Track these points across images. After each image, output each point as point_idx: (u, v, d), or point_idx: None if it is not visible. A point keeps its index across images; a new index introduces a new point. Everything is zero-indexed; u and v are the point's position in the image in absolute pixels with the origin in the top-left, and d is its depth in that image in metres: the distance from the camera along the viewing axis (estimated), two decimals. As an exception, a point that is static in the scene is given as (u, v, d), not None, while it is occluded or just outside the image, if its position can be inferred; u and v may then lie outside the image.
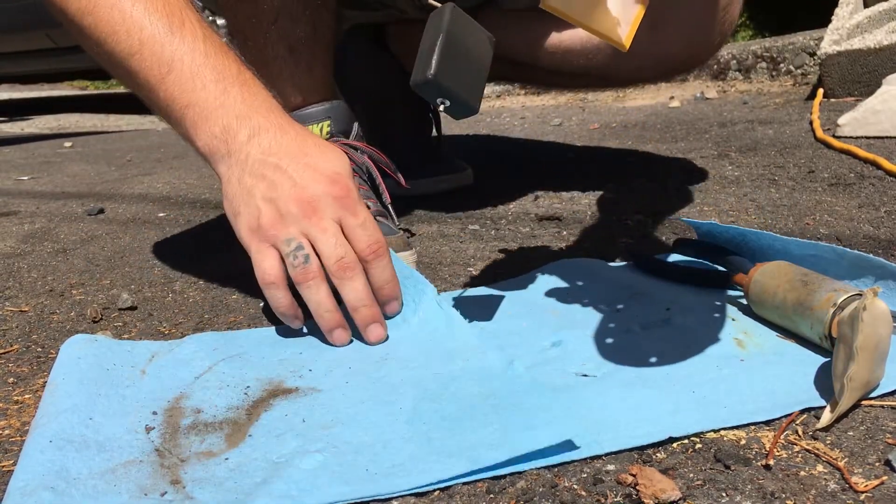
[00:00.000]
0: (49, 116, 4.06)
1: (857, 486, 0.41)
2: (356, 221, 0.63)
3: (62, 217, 1.28)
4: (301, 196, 0.62)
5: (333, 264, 0.62)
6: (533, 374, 0.55)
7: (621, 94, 2.46)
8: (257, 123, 0.64)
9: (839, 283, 0.57)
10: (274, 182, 0.62)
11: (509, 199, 1.14)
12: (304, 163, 0.63)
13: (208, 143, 0.64)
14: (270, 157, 0.63)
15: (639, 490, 0.42)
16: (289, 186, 0.62)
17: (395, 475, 0.44)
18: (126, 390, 0.56)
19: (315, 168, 0.63)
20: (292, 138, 0.64)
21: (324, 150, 0.65)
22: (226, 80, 0.64)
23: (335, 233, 0.62)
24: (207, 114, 0.64)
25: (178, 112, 0.65)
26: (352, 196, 0.63)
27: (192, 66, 0.64)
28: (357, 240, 0.63)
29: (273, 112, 0.65)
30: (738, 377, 0.53)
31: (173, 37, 0.64)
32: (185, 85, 0.64)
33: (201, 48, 0.64)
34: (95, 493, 0.43)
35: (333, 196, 0.63)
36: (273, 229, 0.62)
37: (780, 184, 1.09)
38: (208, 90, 0.64)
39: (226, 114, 0.64)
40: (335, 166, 0.64)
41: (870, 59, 1.70)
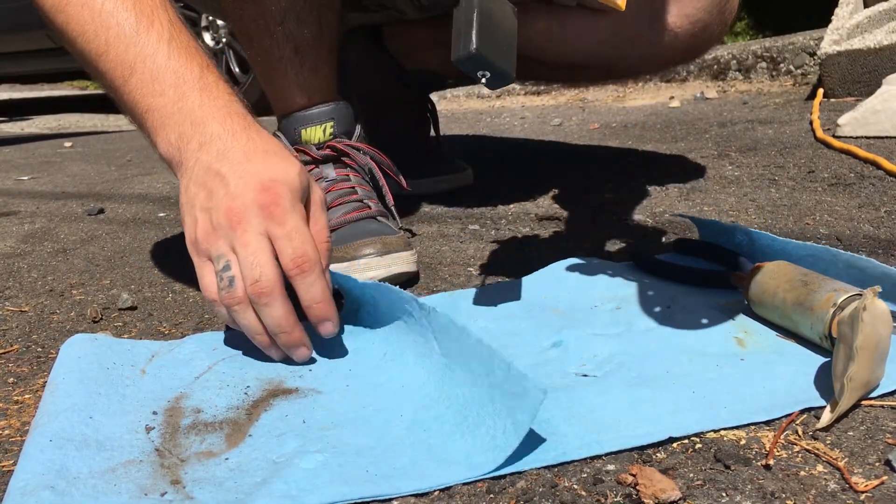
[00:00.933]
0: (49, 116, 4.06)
1: (857, 486, 0.41)
2: (281, 232, 0.58)
3: (62, 217, 1.28)
4: (229, 206, 0.58)
5: (249, 288, 0.57)
6: (533, 375, 0.55)
7: (621, 94, 2.46)
8: (211, 131, 0.61)
9: (839, 283, 0.57)
10: (212, 191, 0.59)
11: (509, 199, 1.14)
12: (242, 170, 0.59)
13: (166, 151, 0.63)
14: (214, 165, 0.60)
15: (639, 490, 0.42)
16: (222, 195, 0.59)
17: (395, 477, 0.44)
18: (126, 389, 0.56)
19: (253, 175, 0.59)
20: (241, 145, 0.61)
21: (268, 157, 0.61)
22: (185, 84, 0.62)
23: (255, 249, 0.57)
24: (164, 120, 0.62)
25: (139, 116, 0.64)
26: (280, 204, 0.58)
27: (152, 69, 0.62)
28: (282, 253, 0.58)
29: (230, 117, 0.62)
30: (738, 376, 0.53)
31: (138, 38, 0.63)
32: (144, 89, 0.62)
33: (164, 50, 0.63)
34: (95, 492, 0.43)
35: (260, 205, 0.58)
36: (206, 242, 0.59)
37: (780, 184, 1.09)
38: (166, 96, 0.62)
39: (182, 120, 0.62)
40: (273, 173, 0.59)
41: (870, 59, 1.70)
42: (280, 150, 0.62)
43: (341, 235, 0.79)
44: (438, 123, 1.25)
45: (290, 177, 0.60)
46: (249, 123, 0.63)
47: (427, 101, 1.23)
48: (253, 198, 0.58)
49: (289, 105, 0.87)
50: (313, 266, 0.58)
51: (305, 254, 0.57)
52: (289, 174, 0.60)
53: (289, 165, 0.61)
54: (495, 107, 2.68)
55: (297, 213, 0.59)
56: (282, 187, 0.59)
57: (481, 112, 2.53)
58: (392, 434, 0.49)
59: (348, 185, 0.84)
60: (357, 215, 0.81)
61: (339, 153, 0.85)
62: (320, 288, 0.58)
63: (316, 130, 0.85)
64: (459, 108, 2.79)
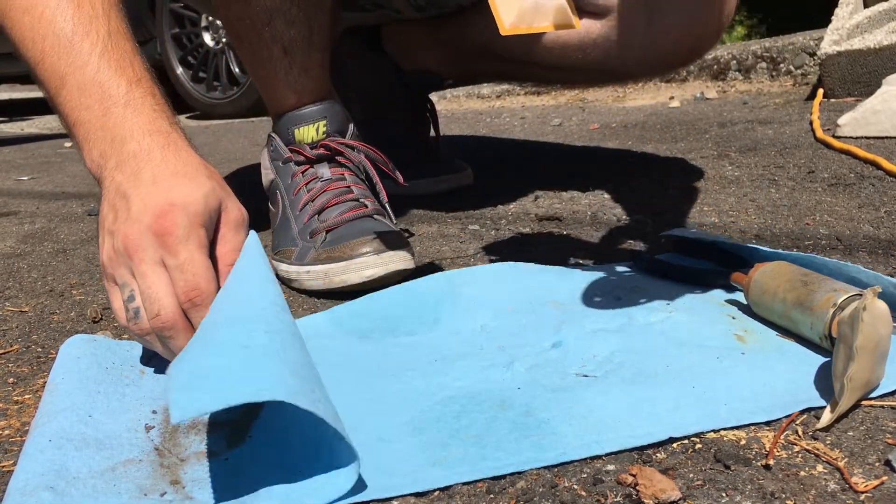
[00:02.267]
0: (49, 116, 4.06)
1: (857, 486, 0.41)
2: (174, 262, 0.55)
3: (62, 217, 1.28)
4: (126, 232, 0.56)
5: (151, 322, 0.55)
6: (533, 376, 0.55)
7: (621, 94, 2.46)
8: (128, 150, 0.59)
9: (839, 283, 0.57)
10: (117, 214, 0.58)
11: (509, 199, 1.14)
12: (145, 193, 0.57)
13: (90, 167, 0.62)
14: (123, 186, 0.58)
15: (639, 490, 0.42)
16: (124, 219, 0.57)
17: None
18: (126, 389, 0.56)
19: (153, 199, 0.57)
20: (153, 166, 0.58)
21: (176, 179, 0.58)
22: (109, 99, 0.60)
23: (152, 281, 0.55)
24: (89, 135, 0.61)
25: (70, 129, 0.62)
26: (173, 233, 0.55)
27: (81, 81, 0.61)
28: (175, 285, 0.55)
29: (151, 135, 0.60)
30: (738, 371, 0.53)
31: (72, 48, 0.61)
32: (73, 102, 0.61)
33: (94, 63, 0.61)
34: (95, 492, 0.43)
35: (154, 232, 0.55)
36: (110, 267, 0.58)
37: (780, 184, 1.08)
38: (92, 111, 0.60)
39: (104, 137, 0.60)
40: (174, 196, 0.57)
41: (870, 59, 1.70)
42: (192, 170, 0.59)
43: (338, 235, 0.79)
44: (438, 123, 1.25)
45: (190, 200, 0.57)
46: (169, 142, 0.61)
47: (426, 102, 1.23)
48: (148, 224, 0.56)
49: (281, 105, 0.87)
50: (205, 299, 0.55)
51: (196, 287, 0.55)
52: (191, 198, 0.57)
53: (194, 188, 0.58)
54: (495, 107, 2.68)
55: (193, 242, 0.56)
56: (178, 213, 0.56)
57: (481, 112, 2.53)
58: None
59: (344, 185, 0.84)
60: (353, 214, 0.81)
61: (332, 152, 0.85)
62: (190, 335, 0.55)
63: (309, 130, 0.85)
64: (459, 108, 2.79)
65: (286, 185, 0.86)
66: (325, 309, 0.74)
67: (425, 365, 0.59)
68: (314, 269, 0.78)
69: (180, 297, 0.55)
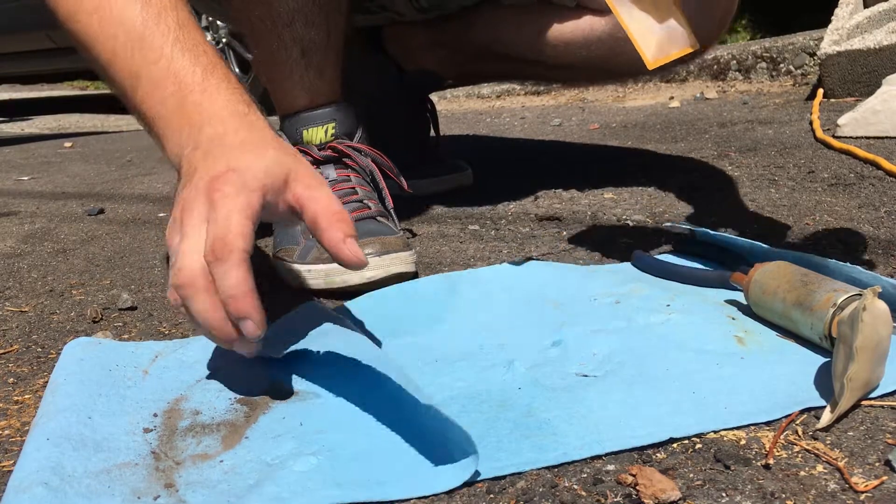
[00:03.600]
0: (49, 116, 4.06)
1: (857, 486, 0.41)
2: (212, 216, 0.52)
3: (62, 217, 1.28)
4: (184, 197, 0.55)
5: (172, 278, 0.52)
6: (534, 375, 0.55)
7: (621, 95, 2.46)
8: (206, 134, 0.59)
9: (839, 283, 0.57)
10: None
11: (509, 199, 1.14)
12: (212, 163, 0.56)
13: (171, 158, 0.61)
14: (195, 162, 0.57)
15: (639, 490, 0.42)
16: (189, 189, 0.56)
17: (388, 483, 0.44)
18: (127, 391, 0.56)
19: (216, 166, 0.55)
20: (226, 144, 0.57)
21: (242, 149, 0.57)
22: (185, 87, 0.60)
23: (187, 237, 0.52)
24: (168, 127, 0.60)
25: (149, 126, 0.62)
26: (222, 190, 0.53)
27: (156, 76, 0.60)
28: (207, 238, 0.52)
29: (229, 118, 0.59)
30: (738, 376, 0.53)
31: (143, 43, 0.61)
32: (150, 98, 0.61)
33: (168, 54, 0.60)
34: (89, 492, 0.43)
35: (205, 193, 0.53)
36: (167, 238, 0.56)
37: (780, 184, 1.08)
38: (168, 103, 0.60)
39: (181, 126, 0.60)
40: (235, 163, 0.55)
41: (870, 60, 1.70)
42: (259, 143, 0.58)
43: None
44: (438, 123, 1.25)
45: (249, 165, 0.55)
46: (243, 123, 0.59)
47: (427, 102, 1.23)
48: (203, 186, 0.54)
49: (292, 106, 0.87)
50: (229, 253, 0.50)
51: (223, 238, 0.51)
52: (252, 165, 0.55)
53: (256, 157, 0.56)
54: (495, 107, 2.68)
55: (239, 201, 0.52)
56: (232, 175, 0.54)
57: (481, 112, 2.53)
58: (389, 437, 0.49)
59: (349, 186, 0.84)
60: (357, 216, 0.81)
61: (340, 154, 0.85)
62: (234, 279, 0.50)
63: (318, 131, 0.86)
64: (459, 108, 2.79)
65: None
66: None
67: (425, 365, 0.59)
68: (315, 269, 0.78)
69: (206, 251, 0.51)
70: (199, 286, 0.51)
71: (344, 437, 0.49)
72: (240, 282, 0.50)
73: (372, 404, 0.54)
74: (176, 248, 0.53)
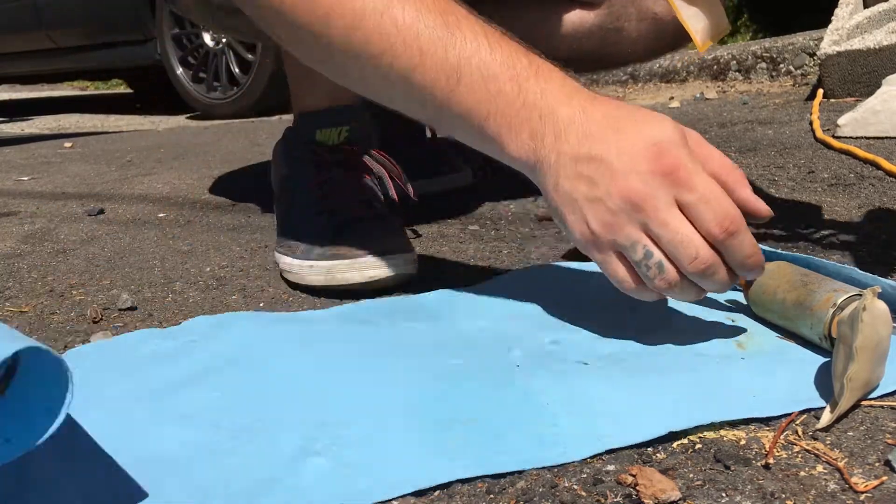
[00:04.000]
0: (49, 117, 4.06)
1: (856, 487, 0.41)
2: (692, 198, 0.52)
3: (62, 217, 1.28)
4: (624, 188, 0.53)
5: (687, 267, 0.53)
6: (532, 359, 0.56)
7: (621, 95, 2.46)
8: (562, 117, 0.55)
9: (839, 283, 0.57)
10: (592, 178, 0.54)
11: (509, 199, 1.14)
12: (619, 145, 0.53)
13: (518, 154, 0.57)
14: (582, 150, 0.54)
15: (639, 490, 0.42)
16: (608, 179, 0.53)
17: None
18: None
19: (633, 146, 0.53)
20: (600, 119, 0.55)
21: (638, 122, 0.54)
22: (519, 75, 0.56)
23: (677, 226, 0.52)
24: (510, 121, 0.56)
25: (476, 125, 0.57)
26: (682, 167, 0.52)
27: (481, 68, 0.56)
28: (701, 220, 0.52)
29: (574, 95, 0.56)
30: (738, 375, 0.53)
31: (454, 38, 0.56)
32: (479, 94, 0.56)
33: (485, 45, 0.56)
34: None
35: (661, 174, 0.52)
36: (609, 234, 0.54)
37: (780, 184, 1.09)
38: (505, 94, 0.56)
39: (529, 116, 0.56)
40: (654, 136, 0.53)
41: (870, 60, 1.70)
42: (638, 111, 0.56)
43: (345, 234, 0.79)
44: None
45: (669, 134, 0.53)
46: (593, 95, 0.57)
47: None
48: (649, 169, 0.52)
49: (309, 104, 0.87)
50: (739, 223, 0.53)
51: (729, 214, 0.52)
52: (667, 131, 0.54)
53: (660, 123, 0.54)
54: (495, 107, 2.67)
55: (703, 171, 0.53)
56: (674, 148, 0.53)
57: (481, 112, 2.52)
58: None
59: (356, 185, 0.85)
60: (362, 215, 0.81)
61: (350, 156, 0.86)
62: (749, 241, 0.53)
63: (332, 133, 0.86)
64: (459, 108, 2.79)
65: (298, 181, 0.87)
66: (324, 307, 0.74)
67: (423, 346, 0.59)
68: (318, 265, 0.78)
69: (713, 230, 0.52)
70: (720, 262, 0.53)
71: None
72: (752, 241, 0.54)
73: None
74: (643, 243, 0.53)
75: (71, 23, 3.70)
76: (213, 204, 1.30)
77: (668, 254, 0.53)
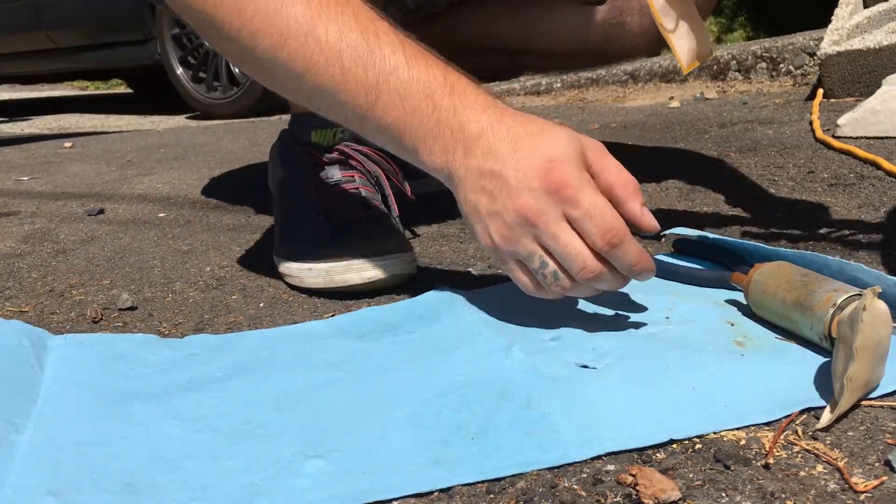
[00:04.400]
0: (49, 117, 4.06)
1: (856, 487, 0.41)
2: (578, 213, 0.56)
3: (62, 217, 1.28)
4: (518, 204, 0.56)
5: (577, 276, 0.57)
6: (532, 362, 0.56)
7: (621, 95, 2.46)
8: (471, 133, 0.58)
9: (839, 283, 0.57)
10: (493, 193, 0.57)
11: (509, 200, 1.13)
12: (516, 162, 0.57)
13: (432, 165, 0.61)
14: (486, 165, 0.58)
15: (639, 490, 0.42)
16: (505, 195, 0.57)
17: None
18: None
19: (528, 163, 0.56)
20: (504, 136, 0.58)
21: (536, 139, 0.57)
22: (434, 93, 0.59)
23: (566, 240, 0.56)
24: (424, 136, 0.59)
25: (395, 138, 0.61)
26: (569, 184, 0.55)
27: (398, 87, 0.59)
28: (586, 233, 0.56)
29: (485, 112, 0.59)
30: (738, 373, 0.53)
31: (373, 57, 0.59)
32: (396, 111, 0.59)
33: (403, 62, 0.59)
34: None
35: (549, 192, 0.55)
36: (509, 245, 0.58)
37: (780, 184, 1.09)
38: (420, 111, 0.59)
39: (441, 132, 0.59)
40: (548, 153, 0.56)
41: (870, 60, 1.70)
42: (540, 127, 0.58)
43: (343, 235, 0.79)
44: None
45: (562, 150, 0.56)
46: (503, 111, 0.60)
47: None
48: (540, 186, 0.56)
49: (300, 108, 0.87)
50: (622, 237, 0.56)
51: (612, 227, 0.56)
52: (561, 148, 0.57)
53: (556, 139, 0.57)
54: (495, 107, 2.67)
55: (588, 186, 0.56)
56: (563, 166, 0.56)
57: (481, 112, 2.52)
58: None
59: (353, 187, 0.84)
60: (360, 216, 0.81)
61: (346, 157, 0.86)
62: (634, 249, 0.57)
63: (326, 133, 0.86)
64: (459, 108, 2.78)
65: (295, 184, 0.86)
66: (325, 309, 0.74)
67: (424, 358, 0.59)
68: (316, 267, 0.78)
69: (597, 242, 0.56)
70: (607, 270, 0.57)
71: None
72: (637, 249, 0.57)
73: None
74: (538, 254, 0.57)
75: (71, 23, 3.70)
76: (213, 204, 1.30)
77: (560, 263, 0.57)
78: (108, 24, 3.58)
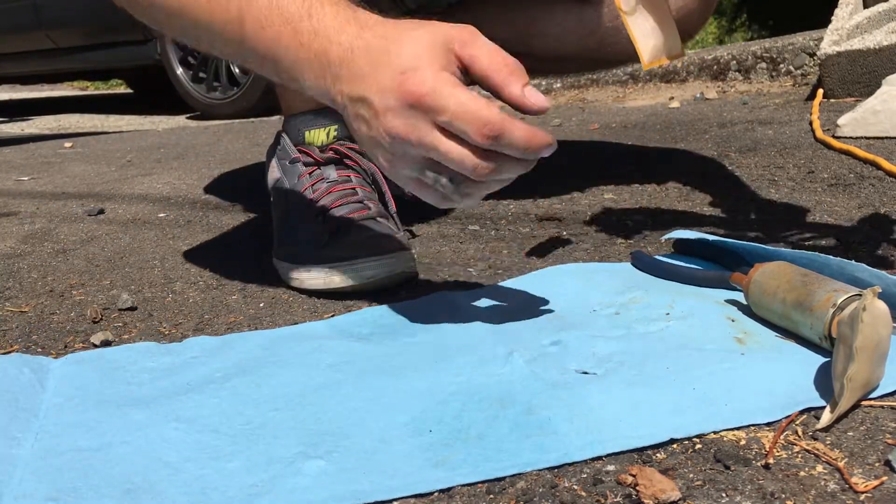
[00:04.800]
0: (49, 117, 4.06)
1: (856, 487, 0.41)
2: (446, 117, 0.53)
3: (62, 217, 1.28)
4: (388, 126, 0.54)
5: (472, 177, 0.55)
6: (533, 369, 0.55)
7: (621, 95, 2.46)
8: (333, 58, 0.56)
9: (839, 283, 0.57)
10: (366, 119, 0.56)
11: (509, 199, 1.14)
12: (377, 82, 0.55)
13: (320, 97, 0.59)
14: (354, 91, 0.56)
15: (639, 490, 0.42)
16: (375, 119, 0.55)
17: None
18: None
19: (385, 80, 0.54)
20: (365, 55, 0.56)
21: (392, 50, 0.55)
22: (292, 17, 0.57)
23: (446, 147, 0.54)
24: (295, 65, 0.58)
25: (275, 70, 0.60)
26: (425, 92, 0.53)
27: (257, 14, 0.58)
28: (463, 135, 0.53)
29: (345, 30, 0.57)
30: (738, 372, 0.53)
31: None
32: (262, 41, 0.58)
33: None
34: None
35: (409, 105, 0.53)
36: (397, 167, 0.57)
37: (780, 184, 1.09)
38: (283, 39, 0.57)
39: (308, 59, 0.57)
40: (402, 64, 0.54)
41: (869, 60, 1.70)
42: (398, 30, 0.56)
43: (341, 235, 0.79)
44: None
45: (413, 57, 0.54)
46: (362, 25, 0.57)
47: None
48: (396, 103, 0.54)
49: (297, 106, 0.87)
50: (499, 125, 0.53)
51: (485, 121, 0.53)
52: (412, 54, 0.54)
53: (411, 44, 0.55)
54: (495, 107, 2.67)
55: (447, 86, 0.53)
56: (416, 74, 0.53)
57: (481, 112, 2.52)
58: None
59: (349, 187, 0.84)
60: (357, 216, 0.81)
61: (341, 156, 0.86)
62: (520, 133, 0.54)
63: (320, 133, 0.86)
64: (459, 108, 2.78)
65: (291, 185, 0.86)
66: (325, 309, 0.74)
67: (425, 364, 0.59)
68: (315, 269, 0.78)
69: (477, 140, 0.53)
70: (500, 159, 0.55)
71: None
72: (523, 129, 0.54)
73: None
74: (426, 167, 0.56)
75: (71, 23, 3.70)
76: (213, 204, 1.30)
77: (453, 173, 0.56)
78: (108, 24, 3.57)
